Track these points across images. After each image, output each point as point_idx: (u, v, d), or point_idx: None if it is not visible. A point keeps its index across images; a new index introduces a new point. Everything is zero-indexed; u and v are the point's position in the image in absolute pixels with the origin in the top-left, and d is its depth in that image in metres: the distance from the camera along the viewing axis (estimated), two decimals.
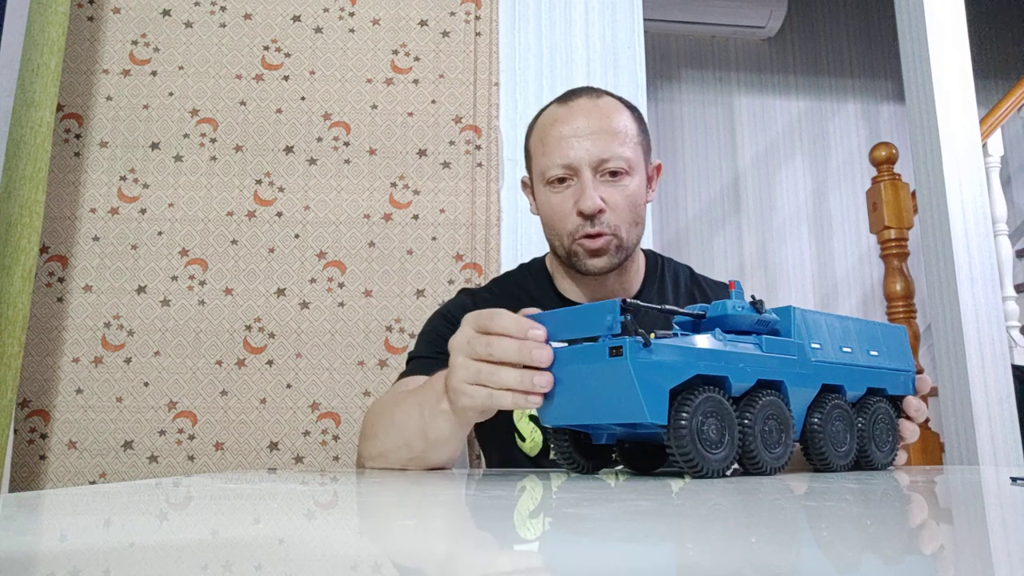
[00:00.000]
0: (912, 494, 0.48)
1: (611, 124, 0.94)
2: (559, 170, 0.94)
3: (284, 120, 1.59)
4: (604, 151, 0.93)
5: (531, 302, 1.03)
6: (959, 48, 1.97)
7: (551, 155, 0.95)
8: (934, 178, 1.94)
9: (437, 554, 0.25)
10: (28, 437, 1.42)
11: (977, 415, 1.82)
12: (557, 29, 1.72)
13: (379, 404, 0.89)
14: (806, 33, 3.66)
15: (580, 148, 0.93)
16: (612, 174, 0.93)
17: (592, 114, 0.94)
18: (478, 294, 1.07)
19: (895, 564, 0.23)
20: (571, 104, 0.97)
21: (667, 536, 0.29)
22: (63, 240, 1.50)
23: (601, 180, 0.93)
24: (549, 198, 0.97)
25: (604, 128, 0.93)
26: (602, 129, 0.93)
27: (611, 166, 0.93)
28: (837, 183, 3.53)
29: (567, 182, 0.95)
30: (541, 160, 0.97)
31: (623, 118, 0.96)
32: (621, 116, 0.96)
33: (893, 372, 0.69)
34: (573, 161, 0.93)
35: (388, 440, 0.81)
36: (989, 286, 1.88)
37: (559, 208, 0.95)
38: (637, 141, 0.97)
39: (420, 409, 0.75)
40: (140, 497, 0.45)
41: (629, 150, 0.95)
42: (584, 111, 0.95)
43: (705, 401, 0.53)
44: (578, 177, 0.93)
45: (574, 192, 0.94)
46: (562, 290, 1.05)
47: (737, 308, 0.59)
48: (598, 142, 0.93)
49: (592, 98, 0.97)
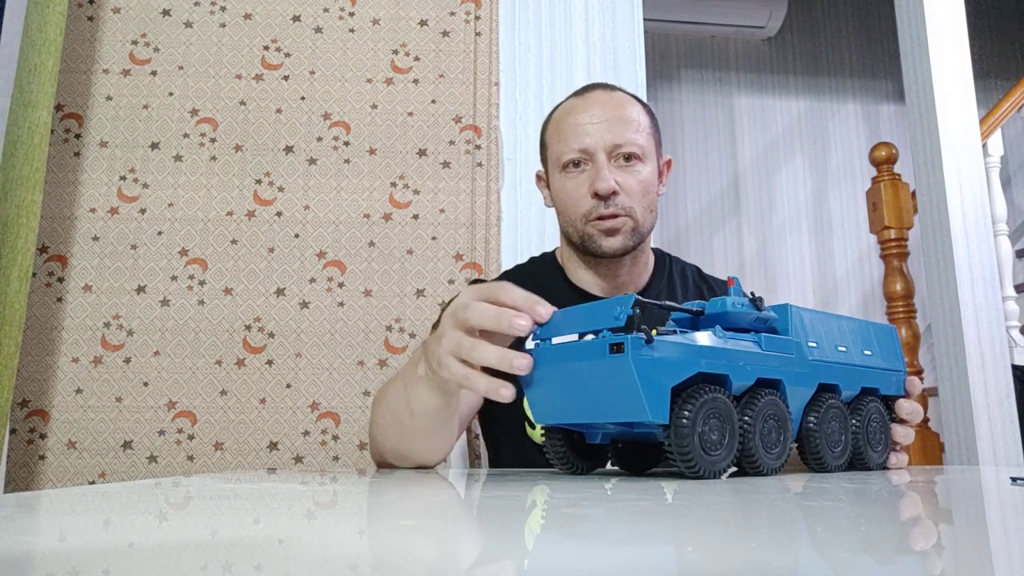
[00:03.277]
0: (912, 494, 0.48)
1: (625, 112, 0.98)
2: (574, 154, 0.97)
3: (284, 120, 1.59)
4: (618, 136, 0.96)
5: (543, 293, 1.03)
6: (959, 48, 1.97)
7: (567, 141, 0.98)
8: (934, 178, 1.94)
9: (436, 554, 0.25)
10: (27, 437, 1.42)
11: (977, 415, 1.82)
12: (557, 29, 1.72)
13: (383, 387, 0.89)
14: (806, 33, 3.66)
15: (595, 133, 0.96)
16: (626, 159, 0.97)
17: (607, 104, 0.98)
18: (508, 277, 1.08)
19: (895, 564, 0.23)
20: (587, 96, 1.00)
21: (666, 537, 0.29)
22: (63, 240, 1.50)
23: (615, 165, 0.97)
24: (564, 183, 0.99)
25: (618, 116, 0.97)
26: (616, 117, 0.97)
27: (625, 150, 0.96)
28: (837, 183, 3.53)
29: (582, 166, 0.98)
30: (556, 147, 1.00)
31: (636, 109, 1.00)
32: (634, 107, 1.00)
33: (885, 372, 0.68)
34: (588, 146, 0.96)
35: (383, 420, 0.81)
36: (989, 286, 1.88)
37: (574, 192, 0.98)
38: (650, 132, 1.01)
39: (404, 381, 0.77)
40: (140, 497, 0.45)
41: (642, 138, 0.98)
42: (599, 101, 0.99)
43: (708, 401, 0.53)
44: (593, 161, 0.96)
45: (589, 176, 0.97)
46: (575, 280, 1.05)
47: (736, 305, 0.58)
48: (613, 128, 0.96)
49: (607, 91, 1.01)
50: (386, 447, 0.81)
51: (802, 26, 3.66)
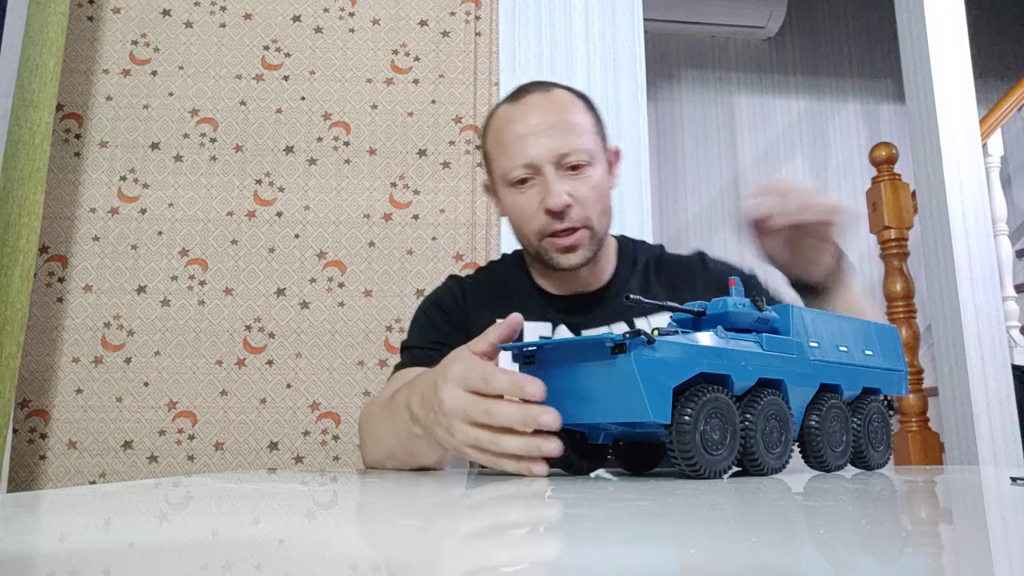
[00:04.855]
0: (912, 494, 0.48)
1: (566, 117, 0.92)
2: (521, 171, 0.92)
3: (284, 120, 1.59)
4: (563, 144, 0.90)
5: (512, 293, 1.03)
6: (959, 48, 1.97)
7: (511, 156, 0.92)
8: (934, 178, 1.94)
9: (437, 554, 0.25)
10: (28, 437, 1.42)
11: (977, 415, 1.82)
12: (557, 29, 1.72)
13: (368, 410, 0.88)
14: (806, 33, 3.66)
15: (539, 145, 0.90)
16: (574, 167, 0.92)
17: (546, 109, 0.92)
18: (464, 281, 1.07)
19: (895, 564, 0.23)
20: (523, 101, 0.94)
21: (667, 537, 0.29)
22: (63, 240, 1.50)
23: (564, 175, 0.91)
24: (515, 199, 0.94)
25: (560, 122, 0.91)
26: (558, 123, 0.91)
27: (572, 160, 0.91)
28: (837, 183, 3.53)
29: (530, 181, 0.92)
30: (501, 163, 0.94)
31: (577, 109, 0.95)
32: (575, 107, 0.95)
33: (887, 372, 0.69)
34: (534, 159, 0.91)
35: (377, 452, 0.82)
36: (989, 286, 1.88)
37: (526, 208, 0.93)
38: (594, 131, 0.96)
39: (396, 432, 0.75)
40: (140, 497, 0.45)
41: (588, 141, 0.93)
42: (537, 107, 0.93)
43: (709, 401, 0.53)
44: (541, 175, 0.91)
45: (539, 190, 0.92)
46: (538, 281, 1.04)
47: (738, 306, 0.58)
48: (556, 137, 0.90)
49: (543, 92, 0.95)
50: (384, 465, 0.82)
51: (802, 26, 3.66)
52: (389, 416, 0.77)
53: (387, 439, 0.78)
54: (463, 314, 1.01)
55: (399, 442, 0.75)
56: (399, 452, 0.77)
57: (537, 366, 0.59)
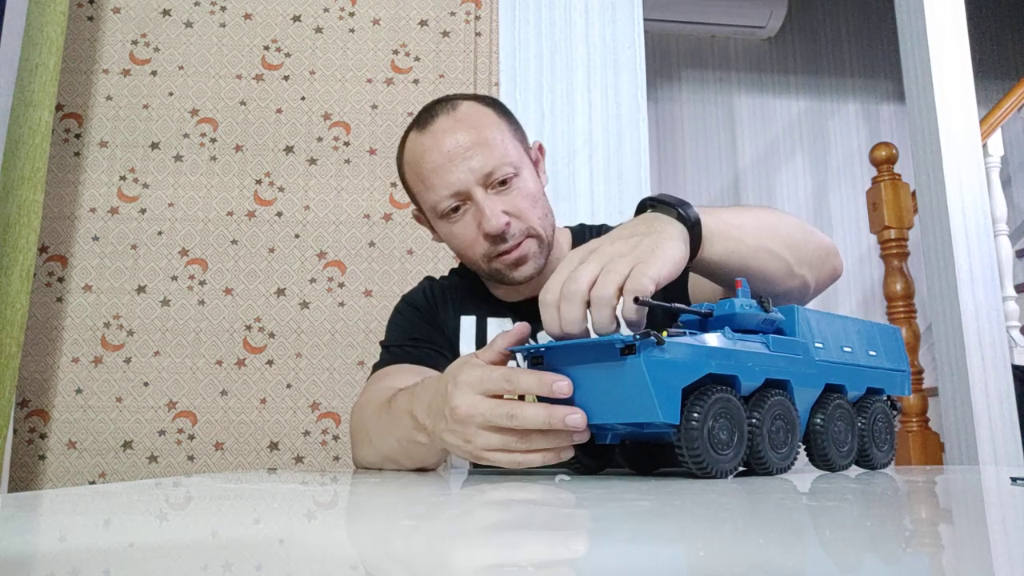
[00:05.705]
0: (914, 494, 0.48)
1: (481, 133, 0.88)
2: (449, 201, 0.88)
3: (284, 120, 1.59)
4: (486, 164, 0.86)
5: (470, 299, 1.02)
6: (959, 48, 1.97)
7: (435, 189, 0.88)
8: (934, 178, 1.94)
9: (437, 554, 0.25)
10: (27, 437, 1.42)
11: (977, 415, 1.82)
12: (557, 29, 1.72)
13: (359, 412, 0.87)
14: (806, 33, 3.66)
15: (461, 170, 0.86)
16: (503, 183, 0.88)
17: (457, 130, 0.88)
18: (436, 281, 1.06)
19: (896, 564, 0.23)
20: (431, 129, 0.90)
21: (674, 536, 0.29)
22: (63, 240, 1.50)
23: (494, 193, 0.88)
24: (451, 230, 0.91)
25: (476, 140, 0.87)
26: (474, 142, 0.87)
27: (499, 175, 0.87)
28: (837, 183, 3.53)
29: (462, 208, 0.89)
30: (427, 196, 0.90)
31: (488, 120, 0.91)
32: (486, 119, 0.91)
33: (890, 372, 0.69)
34: (460, 187, 0.87)
35: (371, 455, 0.82)
36: (989, 286, 1.88)
37: (465, 237, 0.90)
38: (512, 136, 0.92)
39: (395, 439, 0.74)
40: (140, 497, 0.45)
41: (510, 151, 0.89)
42: (448, 130, 0.88)
43: (717, 401, 0.53)
44: (471, 199, 0.87)
45: (473, 215, 0.88)
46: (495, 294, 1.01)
47: (744, 307, 0.59)
48: (476, 157, 0.86)
49: (449, 112, 0.90)
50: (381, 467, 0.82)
51: (802, 26, 3.66)
52: (386, 422, 0.76)
53: (384, 444, 0.78)
54: (433, 312, 1.01)
55: (399, 447, 0.75)
56: (398, 456, 0.76)
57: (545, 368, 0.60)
